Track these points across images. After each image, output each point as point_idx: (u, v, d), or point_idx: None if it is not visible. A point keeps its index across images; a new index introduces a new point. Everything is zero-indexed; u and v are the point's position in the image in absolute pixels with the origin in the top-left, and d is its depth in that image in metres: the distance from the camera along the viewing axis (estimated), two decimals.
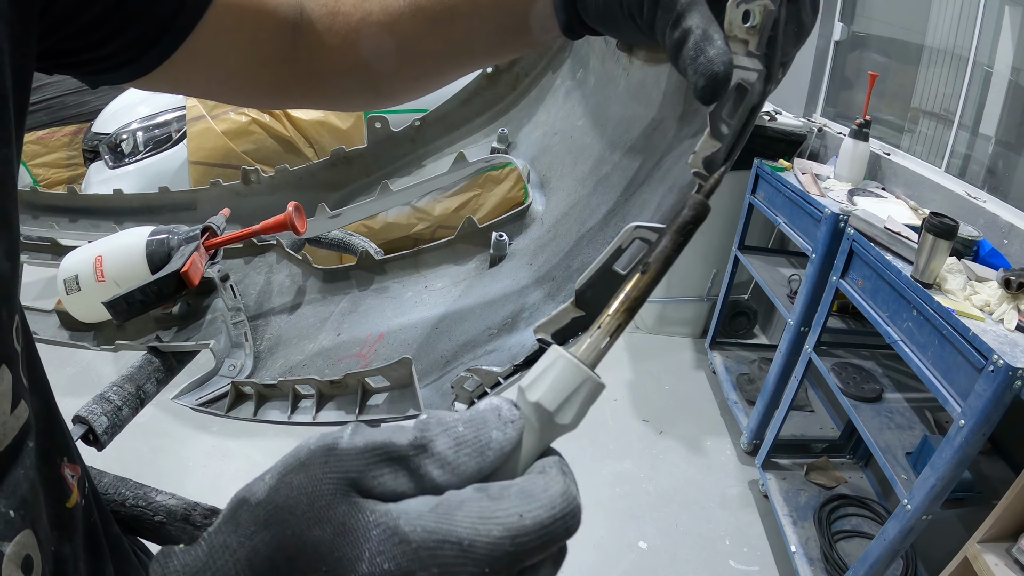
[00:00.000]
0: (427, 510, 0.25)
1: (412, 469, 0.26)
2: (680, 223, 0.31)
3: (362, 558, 0.24)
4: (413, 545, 0.24)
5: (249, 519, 0.26)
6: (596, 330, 0.30)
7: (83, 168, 3.11)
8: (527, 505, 0.25)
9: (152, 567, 0.27)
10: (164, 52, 0.47)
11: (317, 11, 0.53)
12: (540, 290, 0.63)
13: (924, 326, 1.49)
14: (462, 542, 0.24)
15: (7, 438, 0.34)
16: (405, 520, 0.25)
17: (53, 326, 0.94)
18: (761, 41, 0.32)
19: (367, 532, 0.25)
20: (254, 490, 0.27)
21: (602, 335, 0.30)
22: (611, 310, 0.30)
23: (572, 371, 0.28)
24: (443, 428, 0.27)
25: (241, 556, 0.26)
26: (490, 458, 0.27)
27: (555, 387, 0.28)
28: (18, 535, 0.33)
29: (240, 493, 0.28)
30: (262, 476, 0.28)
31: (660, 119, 0.56)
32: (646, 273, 0.31)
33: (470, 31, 0.50)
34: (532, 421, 0.28)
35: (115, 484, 0.69)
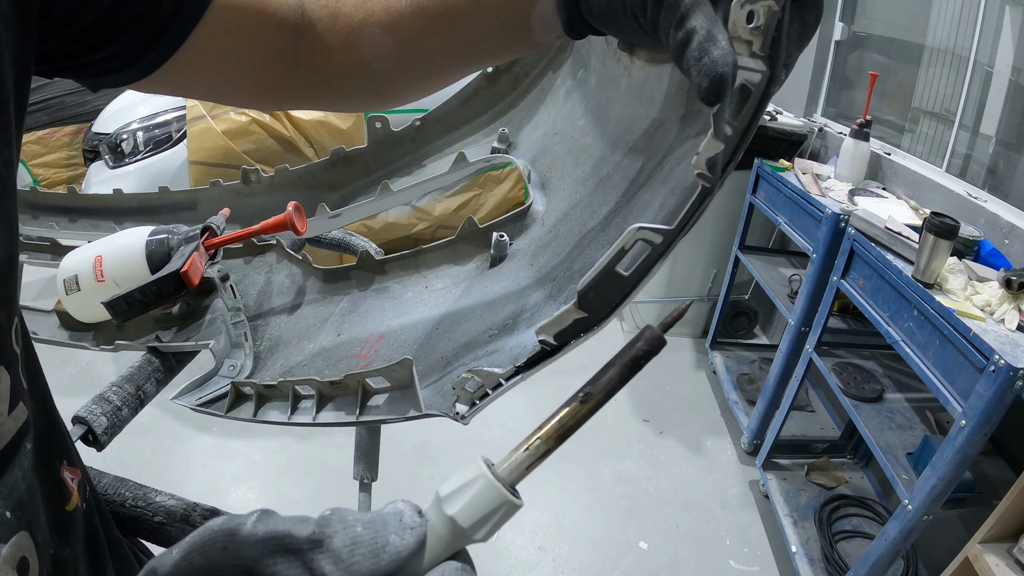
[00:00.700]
0: None
1: (306, 562, 0.28)
2: (632, 356, 0.31)
3: None
4: None
5: None
6: (523, 452, 0.30)
7: (83, 168, 3.11)
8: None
9: None
10: (163, 54, 0.47)
11: (318, 12, 0.53)
12: (541, 291, 0.62)
13: (925, 326, 1.49)
14: None
15: (4, 439, 0.34)
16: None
17: (53, 326, 0.94)
18: (765, 42, 0.32)
19: None
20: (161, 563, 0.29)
21: (528, 457, 0.30)
22: (541, 433, 0.31)
23: (491, 492, 0.29)
24: (343, 526, 0.28)
25: None
26: (384, 561, 0.28)
27: (473, 505, 0.29)
28: (14, 536, 0.33)
29: (152, 563, 0.30)
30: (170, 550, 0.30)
31: (662, 119, 0.56)
32: (586, 403, 0.31)
33: (472, 31, 0.50)
34: (442, 530, 0.29)
35: (115, 485, 0.69)
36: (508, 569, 2.00)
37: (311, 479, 2.22)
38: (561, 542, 2.09)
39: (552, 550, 2.06)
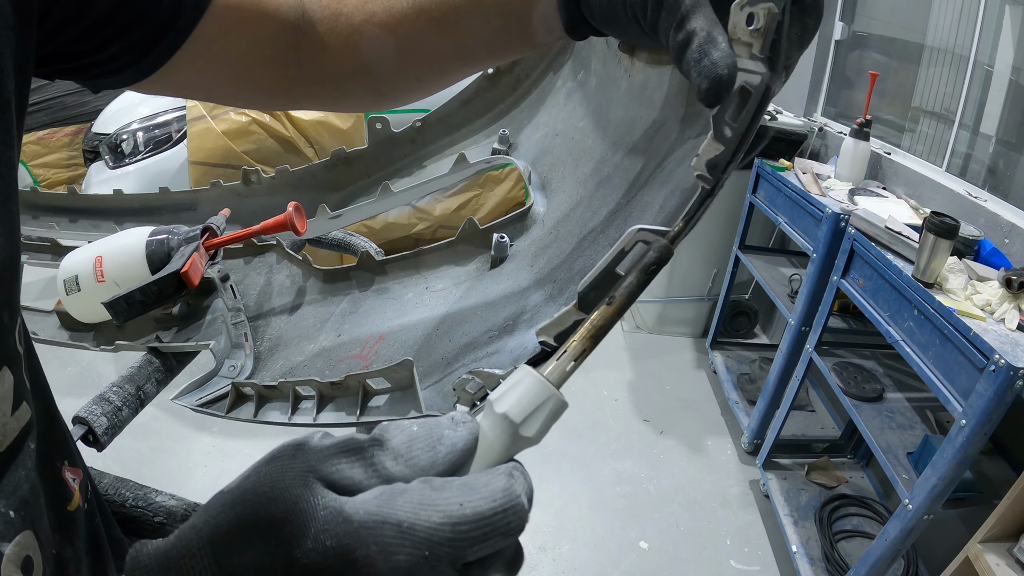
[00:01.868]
0: (372, 496, 0.27)
1: (367, 459, 0.29)
2: (645, 263, 0.34)
3: (307, 535, 0.26)
4: (355, 524, 0.26)
5: (217, 503, 0.29)
6: (562, 354, 0.32)
7: (83, 168, 3.11)
8: (467, 496, 0.27)
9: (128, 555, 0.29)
10: (163, 55, 0.47)
11: (319, 12, 0.53)
12: (541, 292, 0.62)
13: (925, 326, 1.49)
14: (401, 524, 0.26)
15: (7, 439, 0.34)
16: (350, 504, 0.27)
17: (53, 326, 0.94)
18: (765, 44, 0.32)
19: (315, 512, 0.27)
20: (231, 483, 0.30)
21: (568, 359, 0.32)
22: (576, 336, 0.33)
23: (539, 388, 0.31)
24: (399, 429, 0.30)
25: (204, 534, 0.28)
26: (441, 453, 0.29)
27: (522, 402, 0.30)
28: (18, 536, 0.33)
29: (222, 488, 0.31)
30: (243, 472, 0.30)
31: (662, 121, 0.56)
32: (611, 305, 0.34)
33: (474, 32, 0.50)
34: (496, 433, 0.30)
35: (115, 485, 0.69)
36: None
37: None
38: (561, 542, 2.09)
39: (552, 550, 2.06)
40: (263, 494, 0.28)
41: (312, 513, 0.27)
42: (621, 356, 3.10)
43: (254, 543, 0.27)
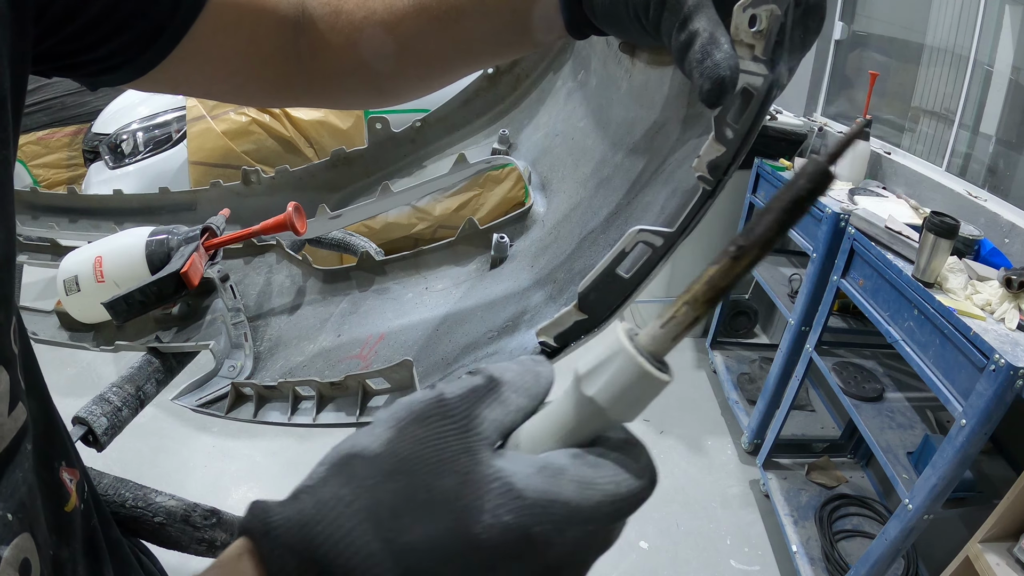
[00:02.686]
0: (534, 471, 0.27)
1: (501, 399, 0.29)
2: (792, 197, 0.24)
3: (484, 508, 0.26)
4: (528, 501, 0.26)
5: (369, 471, 0.27)
6: (668, 320, 0.26)
7: (83, 169, 3.11)
8: (622, 475, 0.27)
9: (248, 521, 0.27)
10: (161, 51, 0.47)
11: (319, 10, 0.53)
12: (542, 292, 0.62)
13: (925, 325, 1.49)
14: (569, 503, 0.26)
15: (4, 440, 0.34)
16: (518, 479, 0.26)
17: (53, 327, 0.94)
18: (767, 46, 0.32)
19: (488, 484, 0.26)
20: (363, 444, 0.28)
21: (676, 326, 0.26)
22: (688, 297, 0.26)
23: (634, 368, 0.26)
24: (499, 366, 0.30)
25: (360, 506, 0.26)
26: (543, 385, 0.30)
27: (613, 383, 0.26)
28: (16, 538, 0.33)
29: (343, 449, 0.29)
30: (368, 431, 0.29)
31: (663, 122, 0.56)
32: (740, 260, 0.26)
33: (475, 30, 0.50)
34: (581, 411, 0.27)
35: (115, 485, 0.69)
36: None
37: None
38: None
39: None
40: (429, 463, 0.27)
41: (485, 486, 0.26)
42: None
43: (427, 519, 0.26)
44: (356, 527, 0.26)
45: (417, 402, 0.29)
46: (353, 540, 0.26)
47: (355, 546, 0.26)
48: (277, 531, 0.27)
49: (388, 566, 0.26)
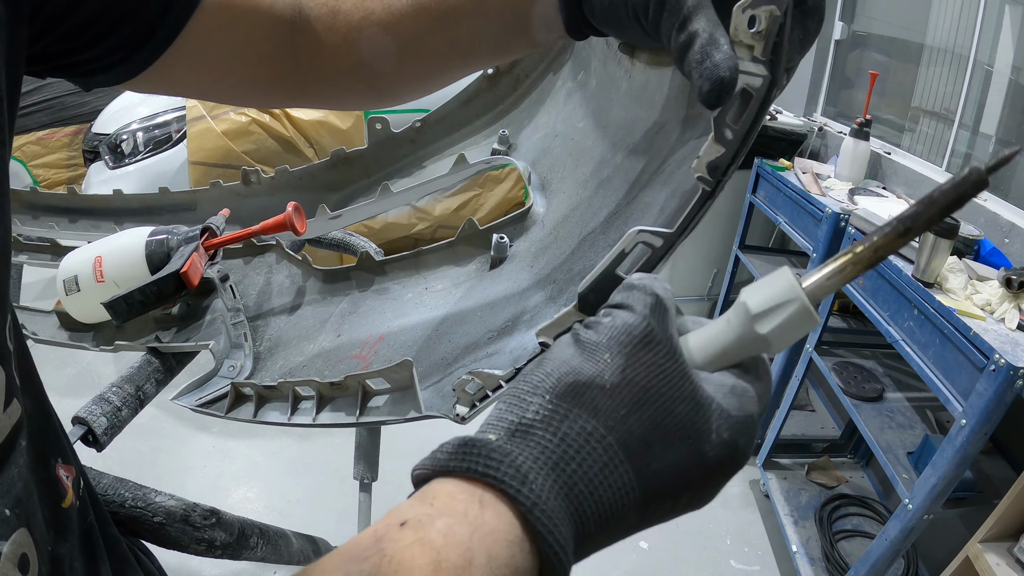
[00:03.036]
0: (728, 391, 0.30)
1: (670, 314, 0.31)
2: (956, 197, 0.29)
3: (711, 429, 0.29)
4: (735, 418, 0.29)
5: (613, 403, 0.28)
6: (833, 271, 0.31)
7: (83, 169, 3.11)
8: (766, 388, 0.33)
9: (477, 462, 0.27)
10: (155, 51, 0.47)
11: (316, 10, 0.53)
12: (541, 293, 0.62)
13: (925, 325, 1.49)
14: (753, 416, 0.31)
15: (0, 436, 0.34)
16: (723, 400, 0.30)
17: (53, 327, 0.94)
18: (767, 47, 0.32)
19: (710, 407, 0.29)
20: (592, 372, 0.29)
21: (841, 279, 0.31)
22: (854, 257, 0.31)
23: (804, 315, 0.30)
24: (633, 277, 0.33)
25: (613, 440, 0.27)
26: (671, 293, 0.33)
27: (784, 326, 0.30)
28: (14, 534, 0.33)
29: (565, 377, 0.29)
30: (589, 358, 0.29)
31: (663, 122, 0.56)
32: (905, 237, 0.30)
33: (474, 31, 0.49)
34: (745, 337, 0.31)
35: (114, 485, 0.69)
36: None
37: (311, 479, 2.22)
38: None
39: None
40: (666, 392, 0.29)
41: (708, 408, 0.29)
42: None
43: (673, 444, 0.28)
44: (611, 461, 0.27)
45: (633, 326, 0.30)
46: (609, 474, 0.27)
47: (610, 479, 0.27)
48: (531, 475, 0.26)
49: (637, 492, 0.28)
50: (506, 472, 0.26)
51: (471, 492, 0.26)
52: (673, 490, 0.29)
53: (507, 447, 0.27)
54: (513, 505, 0.26)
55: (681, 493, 0.29)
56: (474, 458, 0.27)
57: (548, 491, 0.26)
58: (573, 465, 0.27)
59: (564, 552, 0.26)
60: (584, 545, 0.28)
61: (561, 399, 0.28)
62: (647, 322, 0.30)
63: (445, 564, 0.24)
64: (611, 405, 0.28)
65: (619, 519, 0.28)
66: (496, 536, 0.25)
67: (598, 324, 0.31)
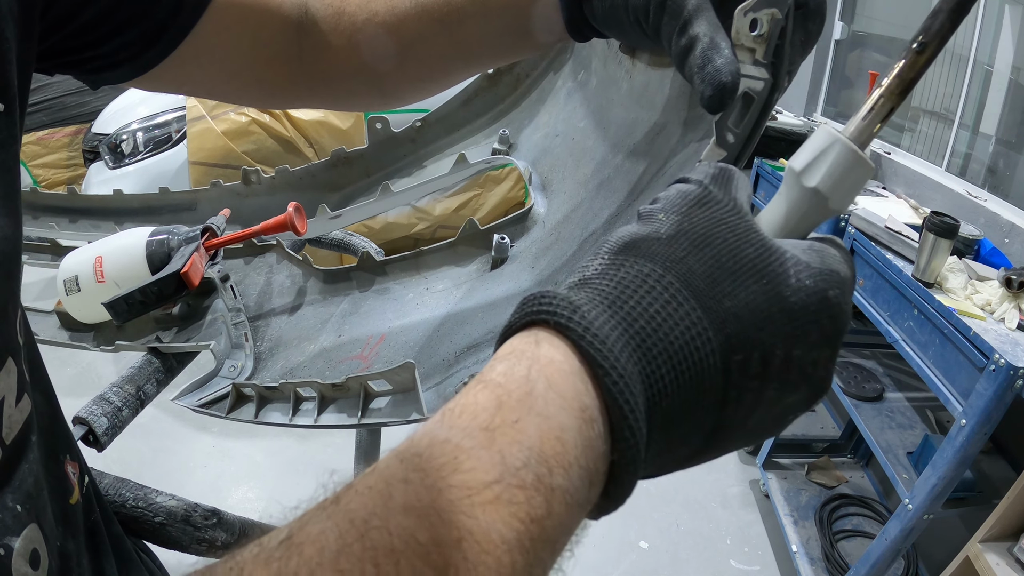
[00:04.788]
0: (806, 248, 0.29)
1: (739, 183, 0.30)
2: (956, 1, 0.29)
3: (789, 273, 0.27)
4: (817, 270, 0.28)
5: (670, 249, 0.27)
6: (867, 111, 0.30)
7: (83, 169, 3.11)
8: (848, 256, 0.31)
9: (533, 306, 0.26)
10: (164, 50, 0.47)
11: (322, 11, 0.53)
12: None
13: (925, 325, 1.49)
14: (839, 272, 0.29)
15: (13, 431, 0.34)
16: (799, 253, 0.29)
17: (53, 327, 0.94)
18: (768, 50, 0.32)
19: (783, 255, 0.28)
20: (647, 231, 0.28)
21: (875, 116, 0.30)
22: (883, 90, 0.30)
23: (849, 156, 0.29)
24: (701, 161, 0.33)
25: (673, 278, 0.27)
26: None
27: (832, 172, 0.29)
28: (25, 529, 0.33)
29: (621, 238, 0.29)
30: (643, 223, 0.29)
31: (664, 123, 0.56)
32: (922, 53, 0.29)
33: (477, 33, 0.50)
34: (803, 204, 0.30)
35: (115, 485, 0.69)
36: None
37: (312, 479, 2.21)
38: None
39: None
40: (728, 236, 0.28)
41: (781, 255, 0.28)
42: None
43: (745, 283, 0.27)
44: (674, 297, 0.26)
45: (689, 190, 0.30)
46: (673, 310, 0.26)
47: (676, 315, 0.26)
48: (584, 307, 0.25)
49: (711, 335, 0.26)
50: (559, 306, 0.26)
51: (529, 335, 0.26)
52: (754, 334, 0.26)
53: (564, 293, 0.26)
54: (565, 335, 0.25)
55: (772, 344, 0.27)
56: (531, 305, 0.27)
57: (604, 323, 0.25)
58: (631, 302, 0.26)
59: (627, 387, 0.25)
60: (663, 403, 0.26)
61: (615, 254, 0.28)
62: (703, 187, 0.29)
63: (505, 399, 0.24)
64: (668, 251, 0.27)
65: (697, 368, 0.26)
66: (554, 366, 0.25)
67: (657, 197, 0.30)
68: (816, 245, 0.30)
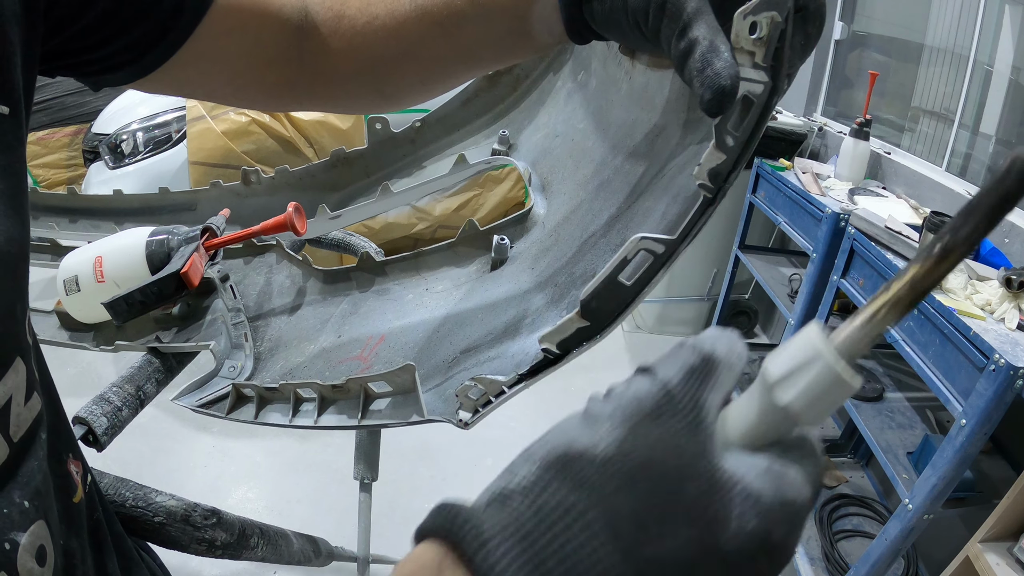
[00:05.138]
0: (762, 472, 0.25)
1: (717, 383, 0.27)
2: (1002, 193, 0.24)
3: (730, 517, 0.24)
4: (765, 505, 0.25)
5: (602, 476, 0.25)
6: (867, 320, 0.26)
7: (83, 169, 3.11)
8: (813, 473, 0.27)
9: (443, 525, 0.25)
10: (165, 53, 0.47)
11: (322, 14, 0.53)
12: (542, 295, 0.62)
13: (925, 325, 1.49)
14: (794, 503, 0.25)
15: (21, 429, 0.34)
16: (752, 481, 0.25)
17: (53, 326, 0.94)
18: (768, 53, 0.32)
19: (731, 491, 0.25)
20: (586, 443, 0.26)
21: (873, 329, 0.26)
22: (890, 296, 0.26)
23: (831, 377, 0.25)
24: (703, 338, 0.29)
25: (595, 516, 0.24)
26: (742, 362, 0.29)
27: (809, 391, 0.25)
28: (32, 525, 0.34)
29: (557, 446, 0.26)
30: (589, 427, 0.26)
31: (663, 125, 0.56)
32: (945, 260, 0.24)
33: (477, 35, 0.50)
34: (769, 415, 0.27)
35: (115, 485, 0.69)
36: None
37: (311, 479, 2.22)
38: None
39: None
40: (670, 468, 0.25)
41: (728, 491, 0.25)
42: (621, 356, 3.09)
43: (676, 529, 0.24)
44: (591, 539, 0.24)
45: (645, 395, 0.27)
46: (588, 555, 0.23)
47: (590, 559, 0.23)
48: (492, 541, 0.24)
49: None
50: (468, 533, 0.24)
51: (436, 552, 0.25)
52: None
53: (478, 511, 0.25)
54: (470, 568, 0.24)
55: None
56: (443, 518, 0.25)
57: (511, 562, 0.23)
58: (545, 539, 0.24)
59: None
60: None
61: (546, 468, 0.26)
62: (664, 394, 0.26)
63: None
64: (600, 478, 0.25)
65: None
66: None
67: (612, 391, 0.28)
68: (776, 467, 0.26)
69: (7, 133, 0.34)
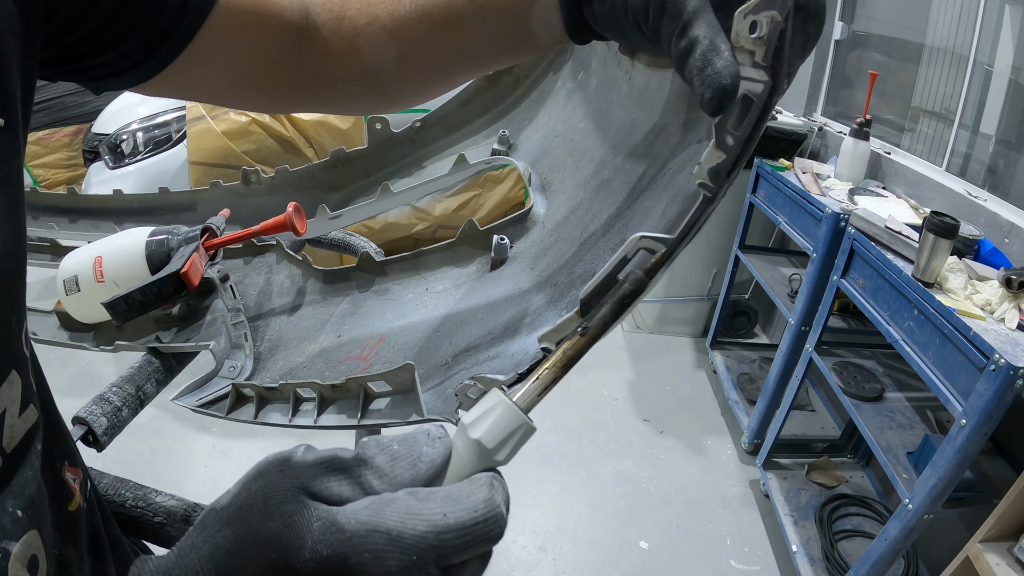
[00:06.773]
0: (362, 507, 0.29)
1: (355, 478, 0.31)
2: (620, 296, 0.35)
3: (305, 546, 0.29)
4: (348, 534, 0.28)
5: (213, 521, 0.31)
6: (534, 380, 0.34)
7: (83, 169, 3.11)
8: (451, 507, 0.30)
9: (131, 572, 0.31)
10: (167, 57, 0.47)
11: (323, 16, 0.53)
12: (542, 295, 0.62)
13: (925, 325, 1.49)
14: (390, 532, 0.28)
15: (14, 440, 0.34)
16: (342, 515, 0.29)
17: (53, 327, 0.94)
18: (768, 52, 0.32)
19: (310, 524, 0.29)
20: (220, 500, 0.32)
21: (540, 384, 0.34)
22: (549, 363, 0.35)
23: (511, 415, 0.33)
24: (380, 447, 0.32)
25: (204, 552, 0.30)
26: (423, 469, 0.32)
27: (495, 428, 0.32)
28: (25, 535, 0.34)
29: (210, 504, 0.33)
30: (229, 489, 0.33)
31: (663, 124, 0.56)
32: (584, 336, 0.35)
33: (477, 36, 0.50)
34: (468, 455, 0.32)
35: (115, 485, 0.69)
36: (509, 569, 2.00)
37: None
38: (562, 542, 2.09)
39: (552, 550, 2.06)
40: (257, 510, 0.30)
41: (307, 526, 0.29)
42: (621, 356, 3.10)
43: (254, 557, 0.29)
44: (201, 569, 0.30)
45: (264, 461, 0.33)
46: None
47: None
48: None
49: None
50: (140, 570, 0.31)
51: None
52: None
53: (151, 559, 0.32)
54: None
55: None
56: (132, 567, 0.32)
57: None
58: (176, 570, 0.30)
59: None
60: None
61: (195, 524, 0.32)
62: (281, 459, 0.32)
63: None
64: (213, 522, 0.31)
65: None
66: None
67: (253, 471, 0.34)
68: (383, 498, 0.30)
69: (2, 144, 0.34)
